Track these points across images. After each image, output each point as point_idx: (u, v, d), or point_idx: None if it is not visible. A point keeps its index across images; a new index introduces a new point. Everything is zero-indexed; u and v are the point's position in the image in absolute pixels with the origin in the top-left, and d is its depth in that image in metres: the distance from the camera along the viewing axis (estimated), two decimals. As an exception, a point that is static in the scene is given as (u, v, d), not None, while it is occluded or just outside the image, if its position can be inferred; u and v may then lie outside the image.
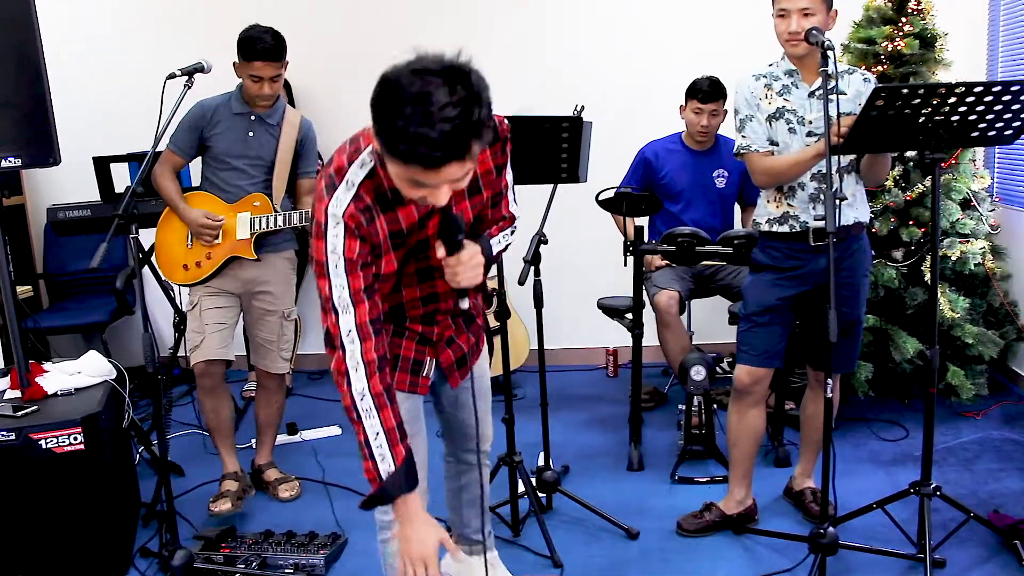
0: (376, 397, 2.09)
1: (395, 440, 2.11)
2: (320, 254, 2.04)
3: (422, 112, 1.75)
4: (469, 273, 2.14)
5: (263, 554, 3.29)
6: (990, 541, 3.20)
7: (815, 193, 3.06)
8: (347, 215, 2.03)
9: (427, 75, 1.78)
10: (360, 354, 2.07)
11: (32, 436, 3.09)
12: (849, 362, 3.32)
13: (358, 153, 2.06)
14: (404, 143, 1.79)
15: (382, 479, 2.10)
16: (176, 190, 3.64)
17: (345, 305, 2.06)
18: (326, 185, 2.05)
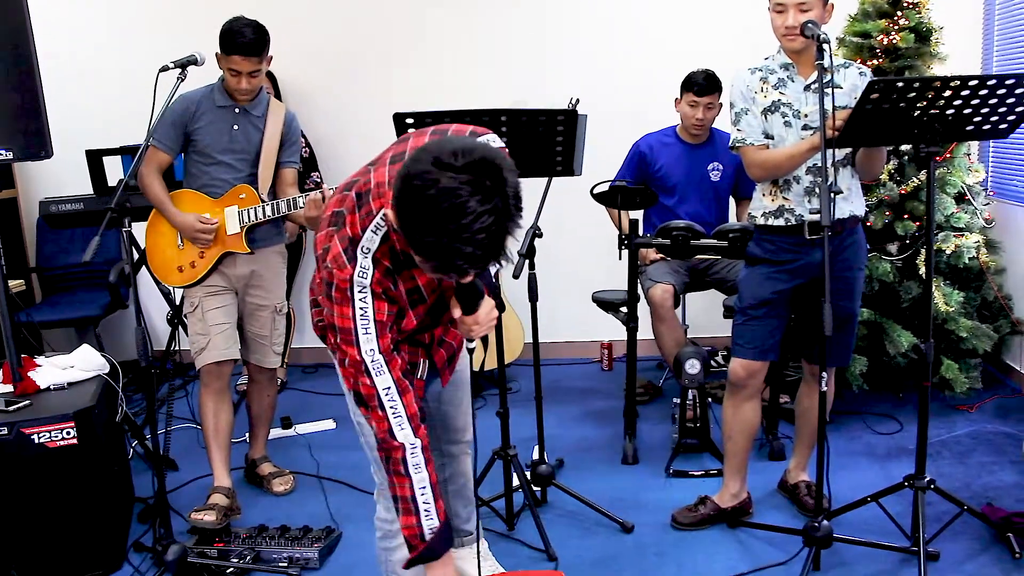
0: (424, 450, 2.08)
1: (438, 494, 2.10)
2: (346, 321, 2.01)
3: (456, 228, 1.71)
4: (485, 328, 2.14)
5: (257, 548, 3.29)
6: (983, 534, 3.21)
7: (810, 186, 3.05)
8: (375, 282, 2.00)
9: (455, 178, 1.71)
10: (403, 409, 2.07)
11: (24, 431, 3.08)
12: (844, 356, 3.32)
13: (370, 218, 2.00)
14: (439, 258, 1.77)
15: (424, 537, 2.09)
16: (164, 194, 3.56)
17: (379, 367, 2.04)
18: (343, 249, 1.99)
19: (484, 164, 1.73)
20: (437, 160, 1.73)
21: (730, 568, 3.12)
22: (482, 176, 1.72)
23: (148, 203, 3.61)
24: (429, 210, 1.72)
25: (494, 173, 1.74)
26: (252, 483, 4.00)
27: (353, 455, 2.24)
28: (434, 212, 1.71)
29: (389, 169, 2.00)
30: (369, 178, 2.03)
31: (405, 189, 1.75)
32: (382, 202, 1.97)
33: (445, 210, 1.70)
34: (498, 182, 1.74)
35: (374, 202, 1.99)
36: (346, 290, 1.99)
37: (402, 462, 2.06)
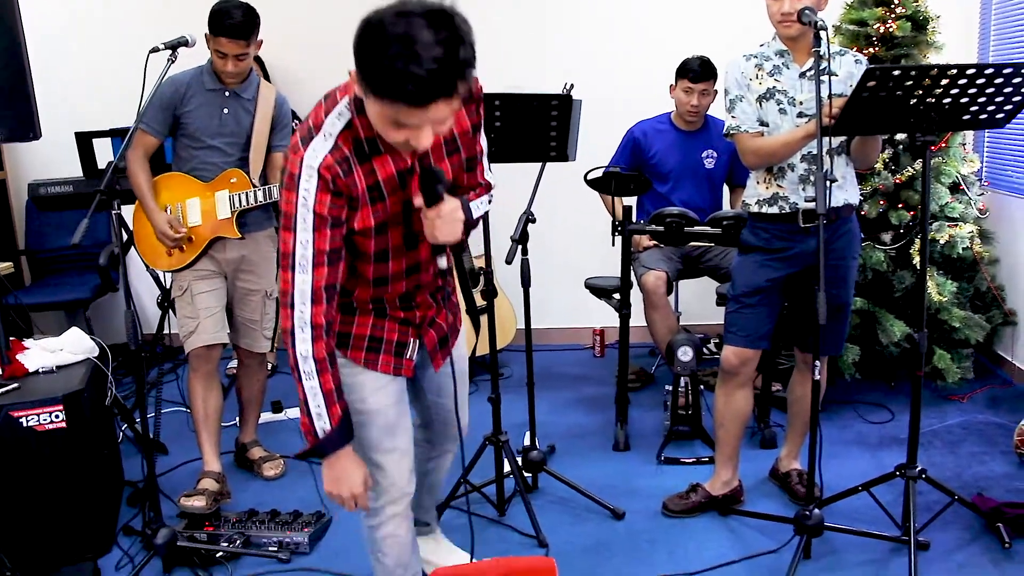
0: (318, 362, 2.10)
1: (332, 401, 2.14)
2: (289, 206, 2.01)
3: (408, 51, 1.75)
4: (448, 227, 2.11)
5: (247, 532, 3.28)
6: (973, 524, 3.21)
7: (805, 174, 3.04)
8: (323, 166, 2.00)
9: (411, 16, 1.78)
10: (309, 317, 2.07)
11: (13, 414, 3.06)
12: (837, 344, 3.31)
13: (335, 104, 2.04)
14: (391, 80, 1.78)
15: (318, 436, 2.16)
16: (147, 185, 3.51)
17: (304, 265, 2.04)
18: (301, 137, 2.03)
19: (439, 11, 1.81)
20: (399, 6, 1.82)
21: (721, 556, 3.12)
22: (437, 19, 1.79)
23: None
24: (382, 36, 1.78)
25: (448, 18, 1.80)
26: (242, 467, 3.99)
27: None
28: (387, 37, 1.77)
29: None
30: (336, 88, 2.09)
31: (362, 28, 1.82)
32: (346, 91, 2.02)
33: (398, 35, 1.76)
34: (451, 26, 1.80)
35: (339, 93, 2.05)
36: (296, 174, 2.00)
37: (296, 368, 2.11)
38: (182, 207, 3.55)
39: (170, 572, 3.13)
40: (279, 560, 3.18)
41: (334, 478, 2.24)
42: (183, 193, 3.56)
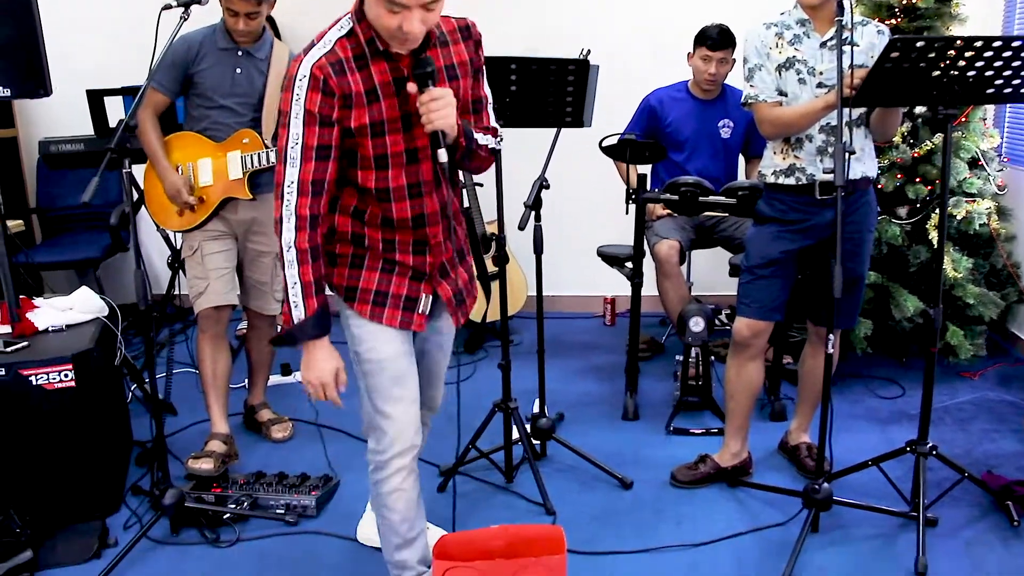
0: (300, 252, 2.19)
1: (309, 293, 2.23)
2: (285, 104, 2.13)
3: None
4: (442, 111, 2.16)
5: (254, 494, 3.29)
6: (982, 501, 3.20)
7: (823, 146, 3.00)
8: (315, 66, 2.10)
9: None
10: (295, 207, 2.17)
11: (22, 372, 3.06)
12: (850, 318, 3.28)
13: (337, 21, 2.17)
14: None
15: (293, 323, 2.25)
16: (159, 144, 3.50)
17: (295, 158, 2.15)
18: (305, 48, 2.14)
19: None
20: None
21: (728, 527, 3.11)
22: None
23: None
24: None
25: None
26: (251, 429, 4.00)
27: (351, 402, 2.23)
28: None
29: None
30: None
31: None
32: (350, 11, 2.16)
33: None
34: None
35: (342, 16, 2.18)
36: (293, 77, 2.12)
37: (281, 255, 2.21)
38: (193, 167, 3.53)
39: (177, 533, 3.14)
40: (286, 523, 3.19)
41: (307, 365, 2.32)
42: (195, 153, 3.53)
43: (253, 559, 3.01)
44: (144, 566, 2.98)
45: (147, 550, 3.05)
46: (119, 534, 3.16)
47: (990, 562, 2.86)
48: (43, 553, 3.01)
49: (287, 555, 3.03)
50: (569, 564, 2.24)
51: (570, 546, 2.76)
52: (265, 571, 2.94)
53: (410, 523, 2.46)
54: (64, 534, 3.12)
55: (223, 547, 3.08)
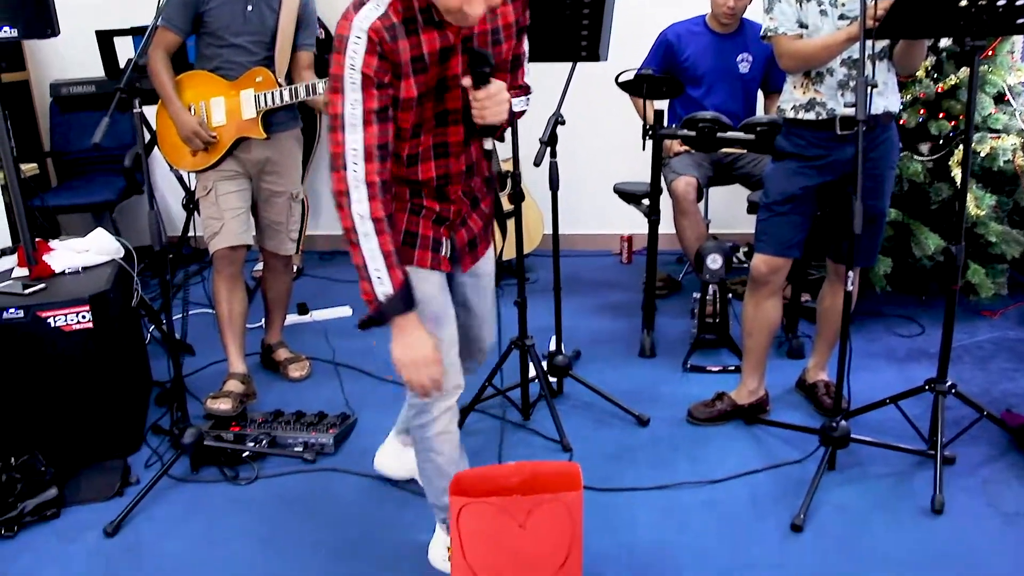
0: (376, 222, 2.07)
1: (392, 264, 2.10)
2: (338, 68, 2.01)
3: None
4: (496, 108, 2.11)
5: (272, 433, 3.31)
6: (1000, 440, 3.19)
7: (844, 79, 2.94)
8: (372, 29, 1.99)
9: None
10: (363, 175, 2.05)
11: (40, 314, 3.08)
12: (870, 256, 3.25)
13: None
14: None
15: (380, 301, 2.11)
16: (170, 84, 3.46)
17: (354, 124, 2.03)
18: (353, 3, 2.03)
19: None
20: None
21: (744, 464, 3.12)
22: None
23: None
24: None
25: None
26: (268, 368, 4.02)
27: (369, 341, 2.22)
28: None
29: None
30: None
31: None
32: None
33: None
34: None
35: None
36: (345, 36, 2.00)
37: (353, 231, 2.08)
38: (206, 106, 3.50)
39: (197, 471, 3.18)
40: (304, 460, 3.22)
41: (403, 346, 2.16)
42: (207, 92, 3.50)
43: (272, 496, 3.05)
44: (165, 503, 3.02)
45: (168, 488, 3.09)
46: (140, 472, 3.20)
47: (1007, 500, 2.86)
48: (67, 491, 3.05)
49: (305, 492, 3.06)
50: (585, 500, 2.24)
51: (586, 483, 2.76)
52: (284, 508, 2.98)
53: (455, 464, 2.45)
54: (87, 473, 3.16)
55: (242, 484, 3.11)
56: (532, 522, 2.20)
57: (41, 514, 2.93)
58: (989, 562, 2.57)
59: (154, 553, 2.77)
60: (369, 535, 2.81)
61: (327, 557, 2.72)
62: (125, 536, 2.85)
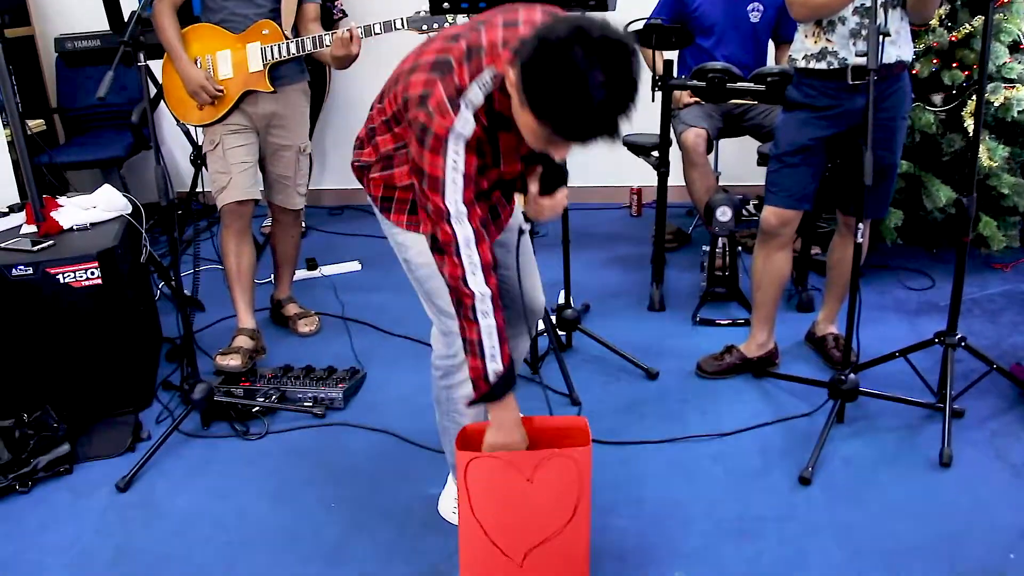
0: (493, 299, 2.11)
1: (504, 339, 2.14)
2: (436, 170, 2.01)
3: (581, 97, 1.77)
4: (552, 213, 2.22)
5: (282, 388, 3.33)
6: (1010, 393, 3.18)
7: (856, 28, 2.89)
8: (473, 136, 2.01)
9: (592, 52, 1.76)
10: (479, 258, 2.08)
11: (49, 270, 3.08)
12: (881, 208, 3.22)
13: (479, 72, 2.00)
14: (558, 120, 1.83)
15: (488, 379, 2.14)
16: (177, 38, 3.42)
17: (460, 216, 2.05)
18: (449, 98, 1.98)
19: (620, 46, 1.80)
20: (577, 30, 1.78)
21: (753, 417, 3.12)
22: (616, 57, 1.79)
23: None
24: (558, 74, 1.78)
25: (626, 58, 1.80)
26: (278, 323, 4.03)
27: (378, 296, 2.21)
28: (562, 77, 1.77)
29: (503, 32, 2.02)
30: (480, 36, 2.02)
31: (540, 50, 1.80)
32: (492, 59, 1.99)
33: (573, 77, 1.76)
34: (627, 67, 1.80)
35: (485, 59, 2.00)
36: (443, 139, 1.99)
37: (471, 308, 2.10)
38: (212, 59, 3.47)
39: (208, 426, 3.20)
40: (314, 415, 3.23)
41: (499, 426, 2.23)
42: (213, 45, 3.47)
43: (282, 451, 3.07)
44: (177, 458, 3.04)
45: (179, 443, 3.11)
46: (152, 428, 3.23)
47: (1015, 453, 2.86)
48: (80, 447, 3.08)
49: (315, 447, 3.09)
50: (594, 454, 2.24)
51: (595, 436, 2.77)
52: (294, 462, 3.00)
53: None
54: (99, 428, 3.19)
55: (252, 439, 3.14)
56: (540, 476, 2.21)
57: (54, 470, 2.96)
58: (997, 514, 2.58)
59: (166, 507, 2.79)
60: (378, 488, 2.83)
61: (337, 510, 2.74)
62: (137, 491, 2.88)
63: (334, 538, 2.61)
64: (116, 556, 2.58)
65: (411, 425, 3.14)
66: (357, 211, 5.63)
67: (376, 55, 3.66)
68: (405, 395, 3.36)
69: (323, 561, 2.52)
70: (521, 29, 2.00)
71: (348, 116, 5.50)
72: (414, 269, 2.36)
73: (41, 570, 2.55)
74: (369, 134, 2.29)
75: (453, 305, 2.15)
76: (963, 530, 2.51)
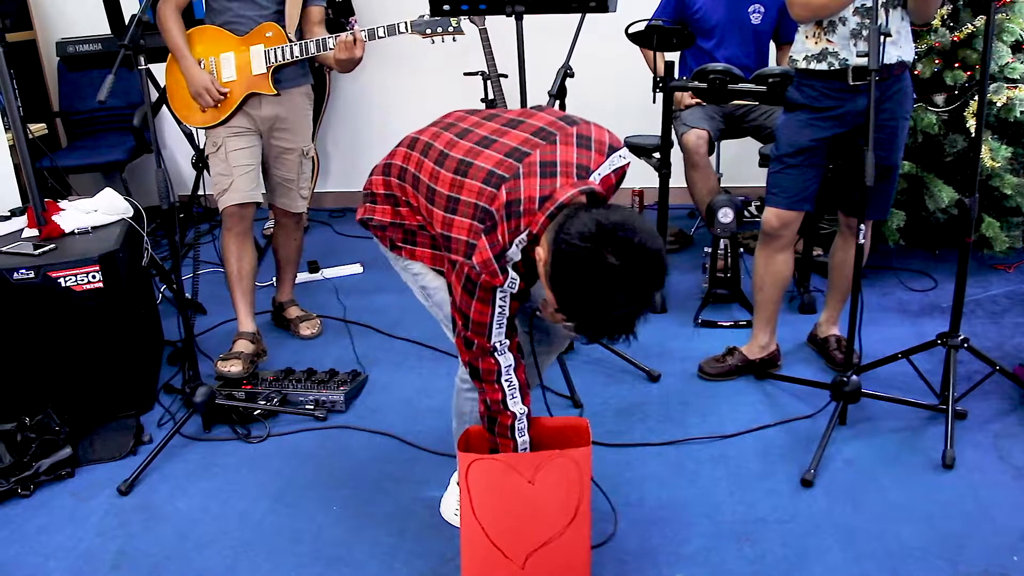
0: (528, 416, 2.28)
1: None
2: (484, 317, 2.13)
3: (601, 308, 1.91)
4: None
5: (284, 391, 3.33)
6: (1013, 395, 3.17)
7: (857, 29, 2.89)
8: (516, 288, 2.12)
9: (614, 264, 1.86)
10: (517, 382, 2.24)
11: (51, 274, 3.08)
12: (883, 209, 3.21)
13: (517, 233, 2.05)
14: (575, 319, 1.97)
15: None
16: (182, 39, 3.43)
17: (504, 348, 2.19)
18: (495, 255, 2.04)
19: (643, 254, 1.89)
20: (599, 238, 1.87)
21: (755, 419, 3.12)
22: (638, 266, 1.89)
23: (164, 43, 3.48)
24: (581, 286, 1.91)
25: (650, 265, 1.91)
26: (279, 326, 4.04)
27: (380, 299, 2.22)
28: (585, 290, 1.90)
29: (540, 183, 2.05)
30: (518, 184, 2.05)
31: (564, 261, 1.92)
32: (529, 220, 2.04)
33: (596, 291, 1.89)
34: (650, 275, 1.92)
35: (523, 219, 2.05)
36: (492, 291, 2.10)
37: (510, 428, 2.25)
38: (216, 61, 3.47)
39: (209, 429, 3.20)
40: (316, 418, 3.23)
41: None
42: (217, 47, 3.47)
43: (283, 453, 3.07)
44: (178, 461, 3.04)
45: (181, 446, 3.11)
46: (153, 431, 3.22)
47: (1017, 454, 2.85)
48: (81, 450, 3.08)
49: (316, 449, 3.08)
50: (595, 456, 2.25)
51: (596, 438, 2.78)
52: (295, 465, 3.00)
53: None
54: (101, 432, 3.19)
55: (254, 442, 3.13)
56: (541, 478, 2.21)
57: (56, 473, 2.96)
58: (999, 516, 2.57)
59: (167, 510, 2.79)
60: (380, 491, 2.83)
61: (338, 513, 2.73)
62: (139, 494, 2.88)
63: (336, 540, 2.61)
64: (117, 559, 2.58)
65: (413, 428, 3.14)
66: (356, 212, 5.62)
67: (380, 59, 3.67)
68: (407, 397, 3.36)
69: (324, 563, 2.51)
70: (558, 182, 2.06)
71: (349, 119, 5.51)
72: (432, 294, 2.41)
73: (43, 573, 2.54)
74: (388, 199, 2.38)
75: (484, 423, 2.30)
76: (966, 532, 2.50)
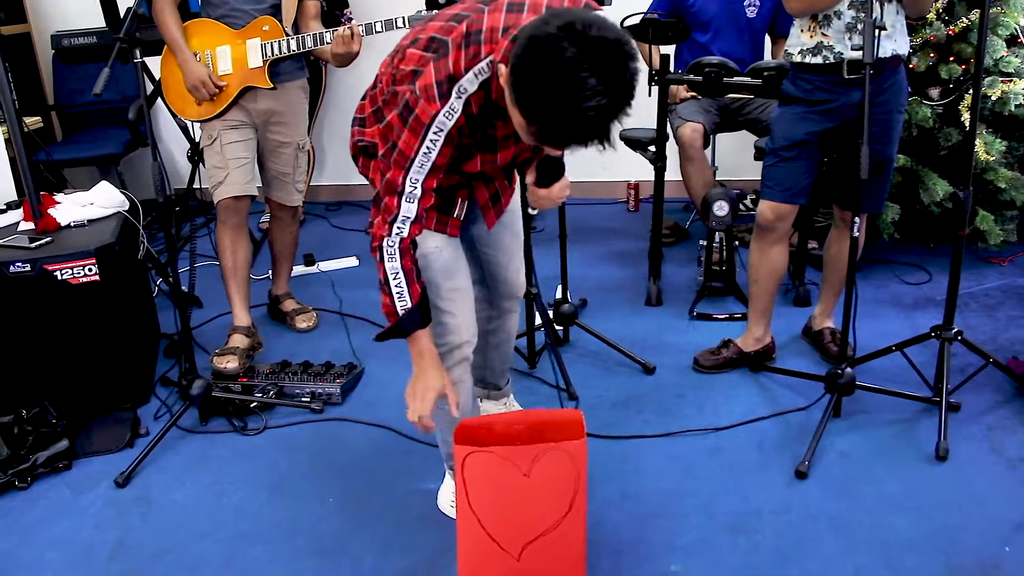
0: (405, 244, 2.13)
1: (412, 280, 2.15)
2: (408, 149, 2.01)
3: (569, 101, 1.70)
4: (553, 203, 2.25)
5: (280, 383, 3.33)
6: (1006, 387, 3.18)
7: (852, 22, 2.89)
8: (454, 128, 1.99)
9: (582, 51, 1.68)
10: (416, 209, 2.09)
11: (47, 267, 3.09)
12: (877, 202, 3.22)
13: (476, 60, 1.94)
14: (542, 124, 1.77)
15: (397, 314, 2.16)
16: (179, 32, 3.42)
17: (412, 196, 2.07)
18: (437, 81, 1.94)
19: (613, 45, 1.71)
20: (569, 27, 1.70)
21: (750, 412, 3.13)
22: (608, 57, 1.70)
23: (160, 36, 3.48)
24: (548, 77, 1.70)
25: (620, 57, 1.72)
26: (275, 319, 4.04)
27: (375, 292, 2.21)
28: (552, 80, 1.70)
29: (505, 16, 1.94)
30: (482, 18, 1.96)
31: (530, 49, 1.72)
32: (491, 48, 1.93)
33: (564, 80, 1.69)
34: (621, 67, 1.72)
35: (484, 46, 1.94)
36: (425, 124, 1.98)
37: (378, 250, 2.13)
38: (212, 55, 3.47)
39: (206, 422, 3.21)
40: (312, 410, 3.24)
41: (418, 374, 2.26)
42: (213, 40, 3.47)
43: (280, 446, 3.07)
44: (175, 454, 3.04)
45: (177, 438, 3.12)
46: (150, 423, 3.23)
47: (1010, 446, 2.86)
48: (78, 443, 3.09)
49: (313, 442, 3.09)
50: (591, 448, 2.25)
51: (591, 430, 2.79)
52: (292, 457, 3.00)
53: (467, 414, 2.47)
54: (98, 424, 3.19)
55: (251, 435, 3.14)
56: (536, 470, 2.22)
57: (53, 466, 2.97)
58: (992, 507, 2.58)
59: (164, 503, 2.80)
60: (376, 483, 2.84)
61: (335, 505, 2.75)
62: (135, 487, 2.89)
63: (332, 532, 2.62)
64: (115, 551, 2.59)
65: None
66: (354, 207, 5.64)
67: (377, 53, 3.67)
68: (402, 390, 3.33)
69: (321, 555, 2.52)
70: (524, 16, 1.94)
71: (345, 113, 5.50)
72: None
73: (40, 565, 2.55)
74: (377, 115, 2.26)
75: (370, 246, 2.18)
76: (959, 523, 2.52)
